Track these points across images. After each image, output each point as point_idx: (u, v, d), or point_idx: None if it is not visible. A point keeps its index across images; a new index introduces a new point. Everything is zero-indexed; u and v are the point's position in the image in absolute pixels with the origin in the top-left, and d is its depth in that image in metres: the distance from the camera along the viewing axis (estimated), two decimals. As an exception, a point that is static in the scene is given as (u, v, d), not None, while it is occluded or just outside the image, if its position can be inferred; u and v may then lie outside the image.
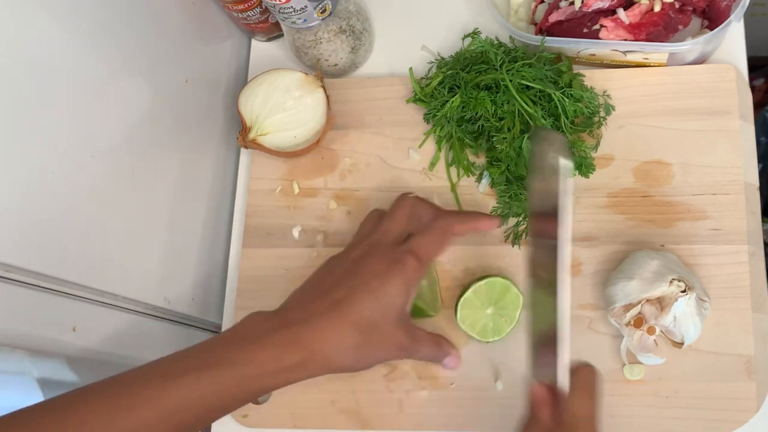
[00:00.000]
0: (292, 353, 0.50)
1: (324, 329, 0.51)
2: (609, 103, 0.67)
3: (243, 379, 0.49)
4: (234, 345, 0.50)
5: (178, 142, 0.67)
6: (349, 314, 0.51)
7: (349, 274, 0.54)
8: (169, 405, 0.47)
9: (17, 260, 0.48)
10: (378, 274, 0.52)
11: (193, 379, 0.47)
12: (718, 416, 0.60)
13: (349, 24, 0.70)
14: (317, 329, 0.51)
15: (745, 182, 0.65)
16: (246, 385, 0.49)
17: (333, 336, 0.51)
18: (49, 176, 0.50)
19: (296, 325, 0.51)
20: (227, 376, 0.48)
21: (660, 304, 0.58)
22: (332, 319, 0.51)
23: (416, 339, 0.55)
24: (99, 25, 0.54)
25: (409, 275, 0.53)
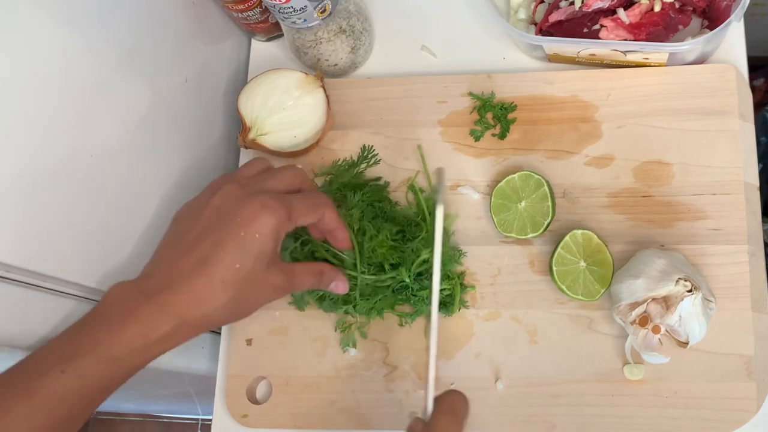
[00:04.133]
0: (159, 325, 0.48)
1: (192, 292, 0.48)
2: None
3: (110, 362, 0.46)
4: (96, 327, 0.48)
5: (178, 142, 0.67)
6: (217, 270, 0.48)
7: (213, 224, 0.50)
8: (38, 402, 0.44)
9: (17, 260, 0.48)
10: (245, 222, 0.49)
11: (58, 372, 0.45)
12: (718, 416, 0.60)
13: (349, 24, 0.70)
14: (184, 293, 0.48)
15: (745, 182, 0.65)
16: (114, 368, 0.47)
17: (202, 297, 0.48)
18: (49, 176, 0.50)
19: (161, 294, 0.48)
20: (93, 364, 0.46)
21: (666, 303, 0.58)
22: (199, 279, 0.48)
23: (293, 274, 0.53)
24: (99, 25, 0.54)
25: (279, 222, 0.50)
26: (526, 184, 0.65)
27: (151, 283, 0.49)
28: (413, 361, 0.65)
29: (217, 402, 0.68)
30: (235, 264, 0.49)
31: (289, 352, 0.67)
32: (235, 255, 0.49)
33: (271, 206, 0.50)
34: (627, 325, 0.60)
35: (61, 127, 0.51)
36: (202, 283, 0.48)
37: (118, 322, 0.47)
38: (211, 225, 0.50)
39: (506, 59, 0.74)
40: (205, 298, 0.48)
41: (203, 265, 0.48)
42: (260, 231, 0.49)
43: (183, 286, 0.48)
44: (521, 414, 0.63)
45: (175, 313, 0.48)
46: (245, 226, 0.49)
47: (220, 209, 0.51)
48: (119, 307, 0.48)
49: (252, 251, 0.49)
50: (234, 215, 0.50)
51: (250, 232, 0.49)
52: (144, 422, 1.57)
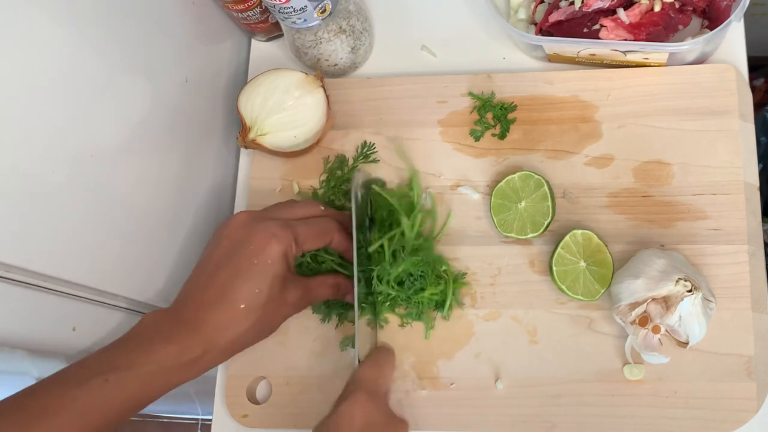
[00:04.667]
0: (190, 348, 0.52)
1: (218, 321, 0.53)
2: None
3: (145, 378, 0.50)
4: (133, 346, 0.52)
5: (178, 142, 0.67)
6: (238, 298, 0.53)
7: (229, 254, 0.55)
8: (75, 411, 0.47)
9: (17, 260, 0.48)
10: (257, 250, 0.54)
11: (97, 384, 0.49)
12: (718, 416, 0.60)
13: (349, 24, 0.70)
14: (211, 323, 0.53)
15: (745, 182, 0.65)
16: (149, 384, 0.51)
17: (228, 323, 0.53)
18: (49, 176, 0.50)
19: (192, 322, 0.52)
20: (129, 378, 0.50)
21: (666, 303, 0.58)
22: (222, 307, 0.53)
23: (309, 289, 0.59)
24: (99, 25, 0.54)
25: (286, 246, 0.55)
26: (526, 184, 0.65)
27: (182, 313, 0.54)
28: (413, 361, 0.65)
29: (217, 402, 0.68)
30: (254, 290, 0.54)
31: (289, 352, 0.67)
32: (252, 282, 0.54)
33: (276, 234, 0.55)
34: (627, 325, 0.60)
35: (61, 127, 0.51)
36: (226, 310, 0.53)
37: (154, 343, 0.52)
38: (227, 255, 0.55)
39: (506, 59, 0.74)
40: (231, 324, 0.53)
41: (224, 297, 0.53)
42: (271, 257, 0.54)
43: (210, 314, 0.53)
44: (521, 414, 0.63)
45: (206, 338, 0.52)
46: (257, 254, 0.54)
47: (233, 239, 0.56)
48: (155, 330, 0.53)
49: (267, 277, 0.54)
50: (246, 244, 0.55)
51: (262, 260, 0.54)
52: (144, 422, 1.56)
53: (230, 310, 0.53)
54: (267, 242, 0.54)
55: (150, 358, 0.51)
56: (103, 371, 0.49)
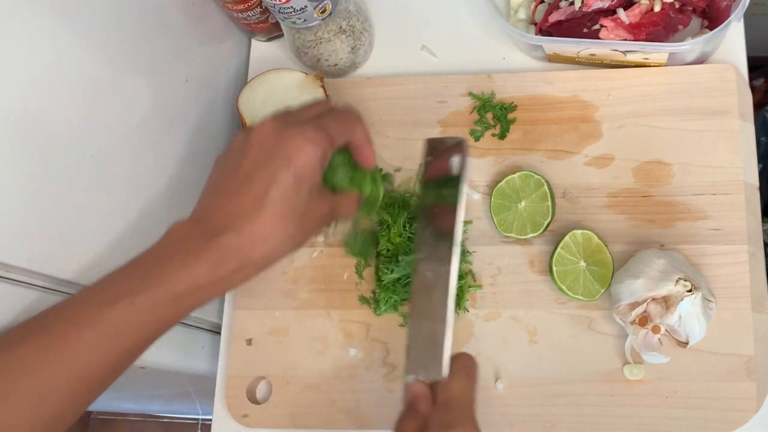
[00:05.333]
0: (225, 264, 0.48)
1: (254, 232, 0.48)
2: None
3: (175, 297, 0.47)
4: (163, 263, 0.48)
5: (178, 142, 0.67)
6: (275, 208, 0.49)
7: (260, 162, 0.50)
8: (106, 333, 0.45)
9: (17, 260, 0.48)
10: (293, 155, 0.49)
11: (128, 303, 0.46)
12: (718, 416, 0.60)
13: (349, 24, 0.70)
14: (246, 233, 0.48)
15: (745, 182, 0.65)
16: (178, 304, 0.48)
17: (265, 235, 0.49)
18: (49, 176, 0.50)
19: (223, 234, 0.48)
20: (160, 297, 0.47)
21: (666, 303, 0.58)
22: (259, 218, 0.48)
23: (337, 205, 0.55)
24: (99, 25, 0.54)
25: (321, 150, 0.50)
26: (526, 184, 0.65)
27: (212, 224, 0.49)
28: (413, 361, 0.65)
29: (217, 402, 0.68)
30: (291, 198, 0.49)
31: (289, 352, 0.67)
32: (289, 191, 0.49)
33: (313, 137, 0.50)
34: (627, 325, 0.60)
35: (61, 126, 0.51)
36: (264, 221, 0.48)
37: (184, 260, 0.48)
38: (259, 162, 0.50)
39: (506, 59, 0.74)
40: (268, 236, 0.49)
41: (261, 203, 0.48)
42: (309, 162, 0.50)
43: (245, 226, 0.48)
44: (521, 414, 0.63)
45: (240, 251, 0.48)
46: (294, 159, 0.49)
47: (264, 146, 0.50)
48: (183, 245, 0.49)
49: (305, 184, 0.50)
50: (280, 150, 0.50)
51: (299, 165, 0.49)
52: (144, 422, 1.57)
53: (268, 220, 0.48)
54: (304, 148, 0.49)
55: (180, 277, 0.47)
56: (131, 291, 0.46)
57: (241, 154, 0.52)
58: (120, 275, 0.48)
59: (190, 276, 0.47)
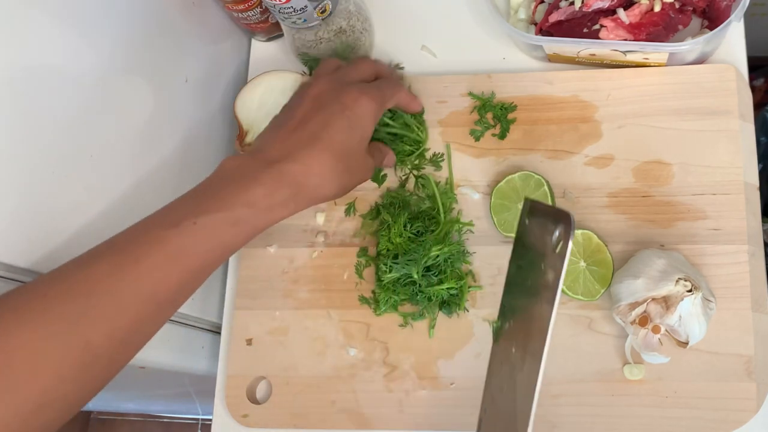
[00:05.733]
0: (281, 189, 0.52)
1: (308, 162, 0.53)
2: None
3: (235, 220, 0.50)
4: (223, 188, 0.51)
5: (178, 142, 0.67)
6: (329, 144, 0.53)
7: (317, 108, 0.55)
8: (171, 250, 0.48)
9: (17, 260, 0.48)
10: (348, 105, 0.55)
11: (190, 224, 0.48)
12: (718, 416, 0.60)
13: (349, 24, 0.70)
14: (301, 162, 0.53)
15: (745, 182, 0.65)
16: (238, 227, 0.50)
17: (317, 167, 0.53)
18: (49, 176, 0.50)
19: (280, 162, 0.52)
20: (219, 220, 0.49)
21: (666, 303, 0.58)
22: (314, 151, 0.53)
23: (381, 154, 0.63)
24: (99, 25, 0.54)
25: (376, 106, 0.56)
26: (526, 184, 0.65)
27: (267, 155, 0.54)
28: (413, 361, 0.65)
29: (217, 402, 0.68)
30: (343, 140, 0.54)
31: (289, 352, 0.67)
32: (343, 132, 0.54)
33: (368, 92, 0.56)
34: (627, 325, 0.60)
35: (61, 127, 0.51)
36: (316, 154, 0.53)
37: (241, 185, 0.51)
38: (315, 108, 0.55)
39: (506, 59, 0.74)
40: (319, 168, 0.53)
41: (316, 140, 0.53)
42: (362, 113, 0.55)
43: (299, 156, 0.53)
44: None
45: (294, 179, 0.52)
46: (349, 108, 0.55)
47: (321, 96, 0.56)
48: (239, 173, 0.52)
49: (356, 130, 0.55)
50: (336, 100, 0.55)
51: (354, 114, 0.55)
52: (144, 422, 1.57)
53: (318, 154, 0.53)
54: (358, 99, 0.55)
55: (238, 200, 0.50)
56: (192, 213, 0.49)
57: (298, 104, 0.57)
58: (183, 201, 0.52)
59: (248, 198, 0.51)
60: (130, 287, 0.46)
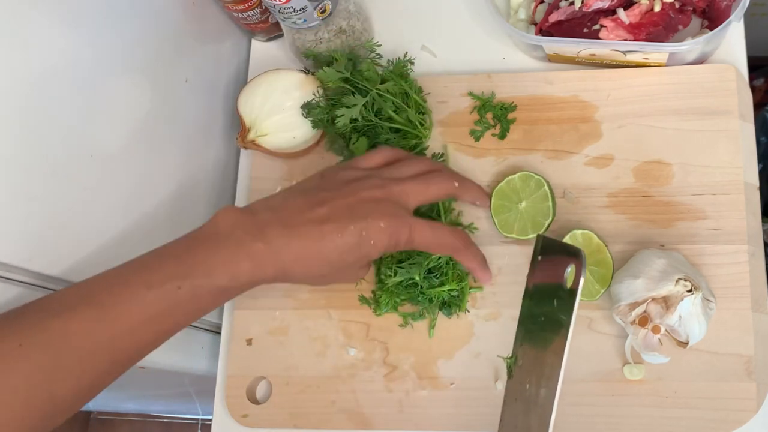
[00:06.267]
0: (266, 270, 0.51)
1: (301, 255, 0.51)
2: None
3: (218, 290, 0.50)
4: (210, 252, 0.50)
5: (178, 142, 0.67)
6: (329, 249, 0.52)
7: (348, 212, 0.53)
8: (151, 312, 0.48)
9: (17, 260, 0.48)
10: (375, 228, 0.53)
11: (171, 290, 0.48)
12: (718, 416, 0.60)
13: (349, 24, 0.70)
14: (294, 253, 0.51)
15: (745, 182, 0.65)
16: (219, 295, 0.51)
17: (306, 262, 0.52)
18: (49, 176, 0.50)
19: (274, 241, 0.51)
20: (204, 287, 0.49)
21: (665, 303, 0.58)
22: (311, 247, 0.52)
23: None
24: (98, 25, 0.54)
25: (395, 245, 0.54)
26: (527, 185, 0.65)
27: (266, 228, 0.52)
28: (413, 361, 0.65)
29: (217, 402, 0.68)
30: (343, 254, 0.53)
31: (289, 352, 0.67)
32: (347, 248, 0.52)
33: (394, 226, 0.54)
34: (627, 325, 0.60)
35: (62, 127, 0.51)
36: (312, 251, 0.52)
37: (231, 253, 0.50)
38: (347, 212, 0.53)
39: (506, 59, 0.74)
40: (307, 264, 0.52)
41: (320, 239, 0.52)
42: (375, 241, 0.53)
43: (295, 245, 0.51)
44: (521, 414, 0.63)
45: (281, 264, 0.51)
46: (367, 229, 0.53)
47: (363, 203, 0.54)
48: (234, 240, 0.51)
49: (361, 252, 0.53)
50: (365, 212, 0.53)
51: (367, 236, 0.53)
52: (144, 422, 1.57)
53: (314, 255, 0.52)
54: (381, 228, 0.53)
55: (226, 271, 0.50)
56: (177, 276, 0.49)
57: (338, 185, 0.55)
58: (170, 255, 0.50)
59: (234, 272, 0.50)
60: (104, 345, 0.46)
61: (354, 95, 0.66)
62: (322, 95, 0.69)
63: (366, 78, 0.67)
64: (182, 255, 0.50)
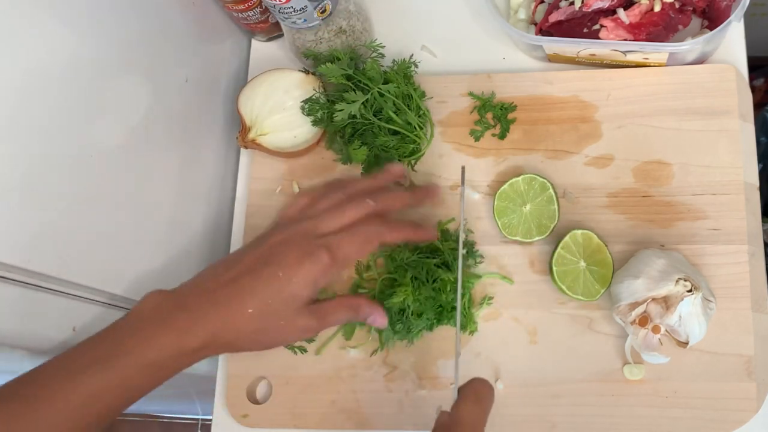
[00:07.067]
0: (192, 338, 0.50)
1: (224, 314, 0.51)
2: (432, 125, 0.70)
3: (145, 365, 0.49)
4: (134, 331, 0.50)
5: (178, 142, 0.67)
6: (248, 301, 0.51)
7: (260, 260, 0.53)
8: (76, 400, 0.47)
9: (17, 260, 0.48)
10: (288, 264, 0.53)
11: (97, 371, 0.47)
12: (718, 416, 0.60)
13: (349, 24, 0.70)
14: (216, 313, 0.51)
15: (745, 182, 0.65)
16: (149, 371, 0.50)
17: (232, 321, 0.51)
18: (49, 176, 0.50)
19: (195, 311, 0.51)
20: (130, 365, 0.48)
21: (666, 303, 0.58)
22: (232, 307, 0.51)
23: (324, 313, 0.56)
24: (99, 25, 0.54)
25: (318, 272, 0.53)
26: (531, 187, 0.65)
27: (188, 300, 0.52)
28: (413, 361, 0.65)
29: (217, 402, 0.68)
30: (266, 300, 0.52)
31: (289, 352, 0.67)
32: (267, 293, 0.52)
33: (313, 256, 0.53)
34: (627, 325, 0.60)
35: (62, 126, 0.51)
36: (233, 310, 0.51)
37: (154, 328, 0.50)
38: (259, 260, 0.54)
39: (506, 59, 0.74)
40: (234, 323, 0.51)
41: (239, 293, 0.52)
42: (299, 278, 0.53)
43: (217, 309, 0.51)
44: (521, 414, 0.63)
45: (207, 329, 0.51)
46: (285, 268, 0.53)
47: (273, 247, 0.54)
48: (157, 315, 0.51)
49: (283, 294, 0.52)
50: (281, 257, 0.53)
51: (287, 276, 0.52)
52: (144, 422, 1.56)
53: (237, 311, 0.51)
54: (299, 262, 0.53)
55: (151, 344, 0.49)
56: (103, 358, 0.48)
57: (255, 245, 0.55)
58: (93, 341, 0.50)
59: (158, 345, 0.49)
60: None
61: (355, 92, 0.65)
62: (322, 92, 0.69)
63: (369, 77, 0.66)
64: (106, 339, 0.50)
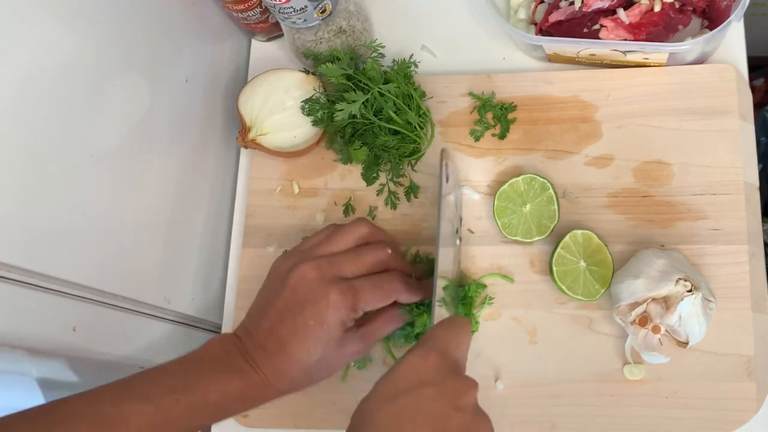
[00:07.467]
0: (252, 387, 0.56)
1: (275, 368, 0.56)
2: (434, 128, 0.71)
3: (212, 405, 0.54)
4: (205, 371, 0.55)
5: (178, 142, 0.67)
6: (293, 355, 0.56)
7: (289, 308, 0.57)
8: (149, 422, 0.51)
9: (17, 260, 0.48)
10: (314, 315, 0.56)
11: (168, 403, 0.52)
12: (718, 416, 0.60)
13: (349, 24, 0.70)
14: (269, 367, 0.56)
15: (745, 182, 0.65)
16: (213, 411, 0.55)
17: (283, 374, 0.56)
18: (49, 176, 0.50)
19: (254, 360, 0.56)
20: (199, 402, 0.53)
21: (666, 303, 0.58)
22: (281, 358, 0.56)
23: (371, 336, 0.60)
24: (99, 25, 0.54)
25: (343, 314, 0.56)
26: (531, 187, 0.65)
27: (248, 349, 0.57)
28: (413, 361, 0.65)
29: (217, 402, 0.68)
30: (308, 350, 0.56)
31: (289, 352, 0.67)
32: (306, 344, 0.56)
33: (336, 302, 0.56)
34: (627, 325, 0.60)
35: (61, 126, 0.51)
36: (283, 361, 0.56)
37: (225, 373, 0.55)
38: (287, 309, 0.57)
39: (506, 59, 0.74)
40: (286, 374, 0.56)
41: (282, 347, 0.56)
42: (327, 323, 0.56)
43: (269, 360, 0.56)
44: (521, 414, 0.63)
45: (266, 380, 0.56)
46: (314, 317, 0.56)
47: (296, 293, 0.57)
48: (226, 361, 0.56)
49: (320, 340, 0.56)
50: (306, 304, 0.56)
51: (318, 323, 0.56)
52: (144, 422, 1.56)
53: (286, 362, 0.56)
54: (325, 310, 0.56)
55: (220, 388, 0.54)
56: (177, 391, 0.52)
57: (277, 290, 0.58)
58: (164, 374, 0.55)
59: (227, 389, 0.54)
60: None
61: (356, 92, 0.65)
62: (322, 92, 0.69)
63: (369, 77, 0.66)
64: (179, 372, 0.55)
